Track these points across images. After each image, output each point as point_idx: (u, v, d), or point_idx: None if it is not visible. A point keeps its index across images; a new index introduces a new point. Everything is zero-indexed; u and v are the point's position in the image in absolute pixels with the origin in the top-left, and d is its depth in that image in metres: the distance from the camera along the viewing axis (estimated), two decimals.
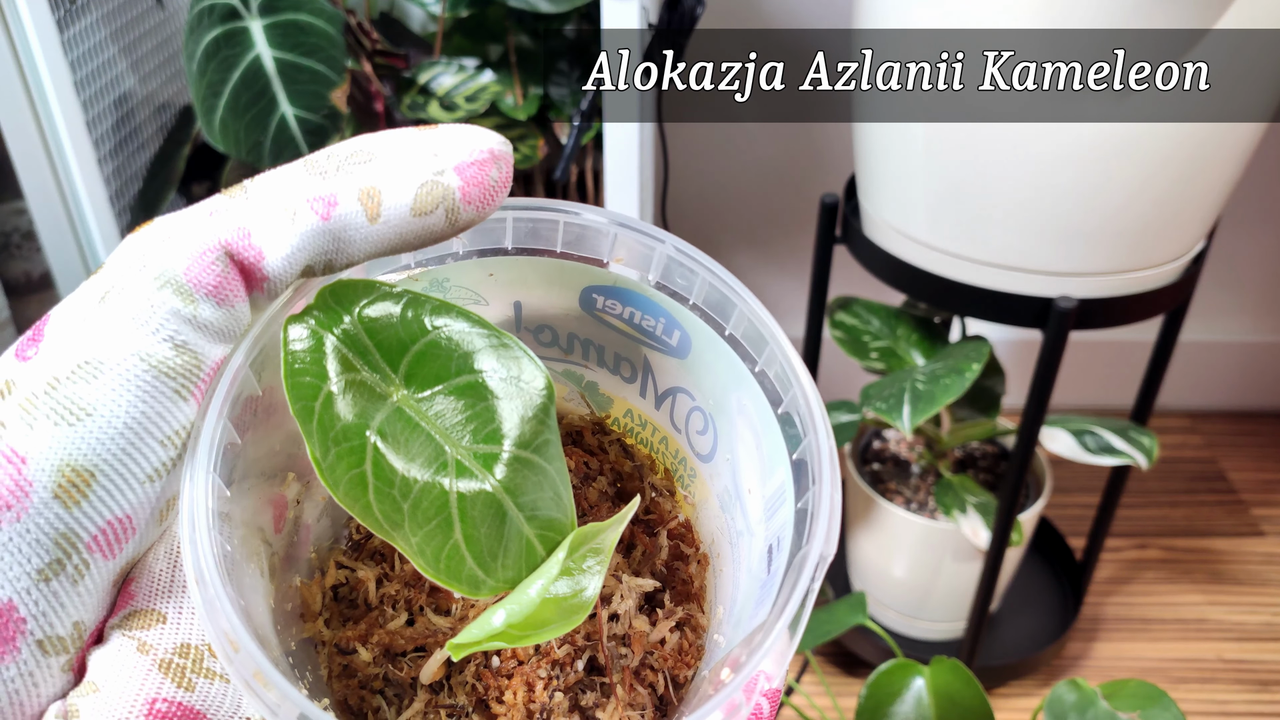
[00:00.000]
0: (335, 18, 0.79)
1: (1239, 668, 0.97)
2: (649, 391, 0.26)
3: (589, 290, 0.24)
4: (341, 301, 0.20)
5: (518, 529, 0.20)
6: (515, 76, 0.93)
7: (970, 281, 0.70)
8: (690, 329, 0.24)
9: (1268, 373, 1.26)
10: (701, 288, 0.23)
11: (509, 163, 0.20)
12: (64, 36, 0.77)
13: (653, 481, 0.27)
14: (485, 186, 0.20)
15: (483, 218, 0.20)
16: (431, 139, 0.20)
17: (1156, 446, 0.79)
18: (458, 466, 0.20)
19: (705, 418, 0.25)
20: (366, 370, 0.20)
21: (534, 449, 0.20)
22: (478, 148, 0.20)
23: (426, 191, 0.19)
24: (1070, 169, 0.62)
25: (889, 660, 0.55)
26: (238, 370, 0.19)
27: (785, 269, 1.20)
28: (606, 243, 0.23)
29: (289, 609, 0.23)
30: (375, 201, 0.19)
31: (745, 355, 0.23)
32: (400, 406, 0.20)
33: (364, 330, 0.20)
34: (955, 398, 0.70)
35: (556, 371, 0.27)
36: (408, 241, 0.20)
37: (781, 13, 1.01)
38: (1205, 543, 1.12)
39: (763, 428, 0.22)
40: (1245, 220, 1.12)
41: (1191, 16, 0.56)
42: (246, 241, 0.19)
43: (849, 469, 0.92)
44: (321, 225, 0.19)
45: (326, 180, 0.19)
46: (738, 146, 1.11)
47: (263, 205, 0.19)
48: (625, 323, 0.25)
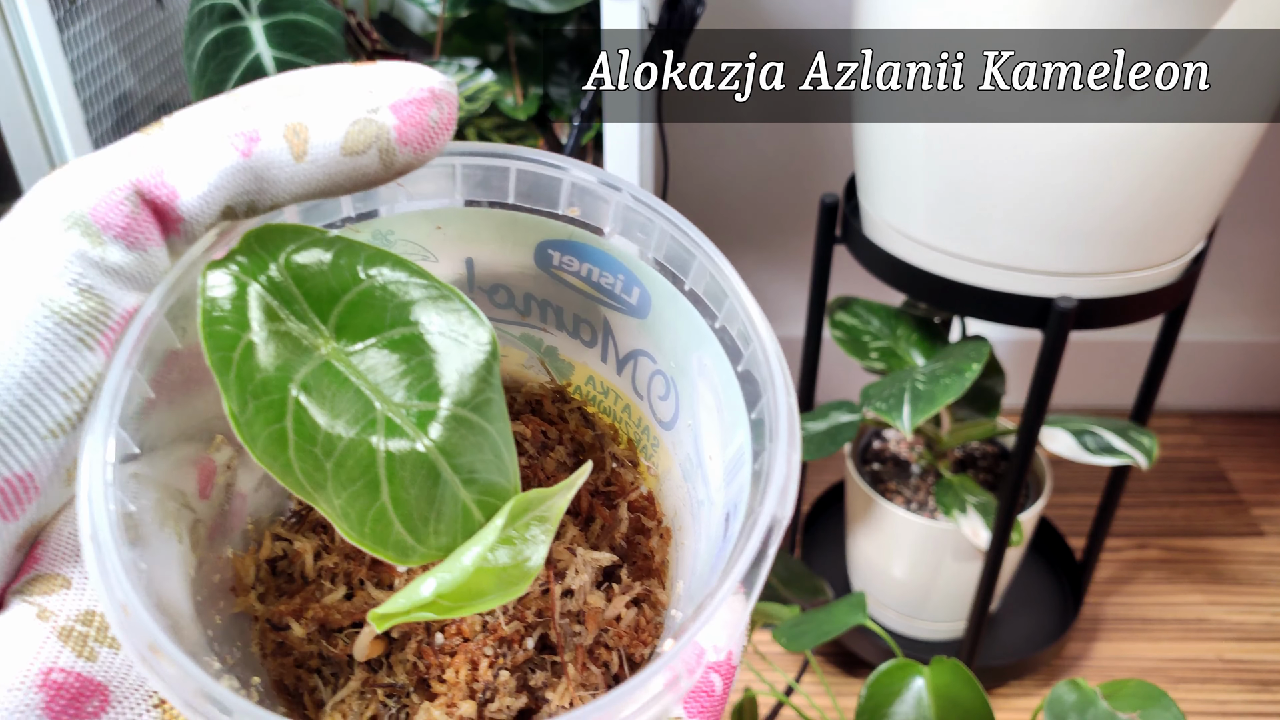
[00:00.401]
0: (335, 18, 0.79)
1: (1239, 668, 0.97)
2: (610, 356, 0.25)
3: (544, 245, 0.23)
4: (267, 246, 0.18)
5: (453, 492, 0.19)
6: (515, 76, 0.93)
7: (970, 281, 0.70)
8: (649, 285, 0.22)
9: (1268, 373, 1.26)
10: (660, 240, 0.22)
11: (452, 103, 0.19)
12: (64, 36, 0.77)
13: (614, 452, 0.26)
14: (424, 127, 0.18)
15: (422, 161, 0.19)
16: (366, 75, 0.18)
17: (1156, 446, 0.79)
18: (387, 424, 0.18)
19: (667, 382, 0.23)
20: (293, 320, 0.18)
21: (473, 408, 0.19)
22: (416, 85, 0.18)
23: (359, 130, 0.18)
24: (1070, 169, 0.62)
25: (889, 660, 0.55)
26: (150, 318, 0.18)
27: (785, 269, 1.20)
28: (561, 192, 0.22)
29: (217, 580, 0.22)
30: (302, 138, 0.18)
31: (705, 311, 0.22)
32: (329, 360, 0.18)
33: (291, 277, 0.18)
34: (955, 398, 0.70)
35: (514, 335, 0.26)
36: (338, 183, 0.18)
37: (781, 13, 1.01)
38: (1205, 543, 1.12)
39: (723, 388, 0.21)
40: (1245, 220, 1.12)
41: (1191, 16, 0.56)
42: (159, 180, 0.17)
43: (849, 469, 0.92)
44: (242, 162, 0.17)
45: (249, 114, 0.18)
46: (738, 146, 1.11)
47: (179, 141, 0.17)
48: (583, 281, 0.23)
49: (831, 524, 1.08)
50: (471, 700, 0.21)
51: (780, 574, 0.82)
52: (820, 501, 1.09)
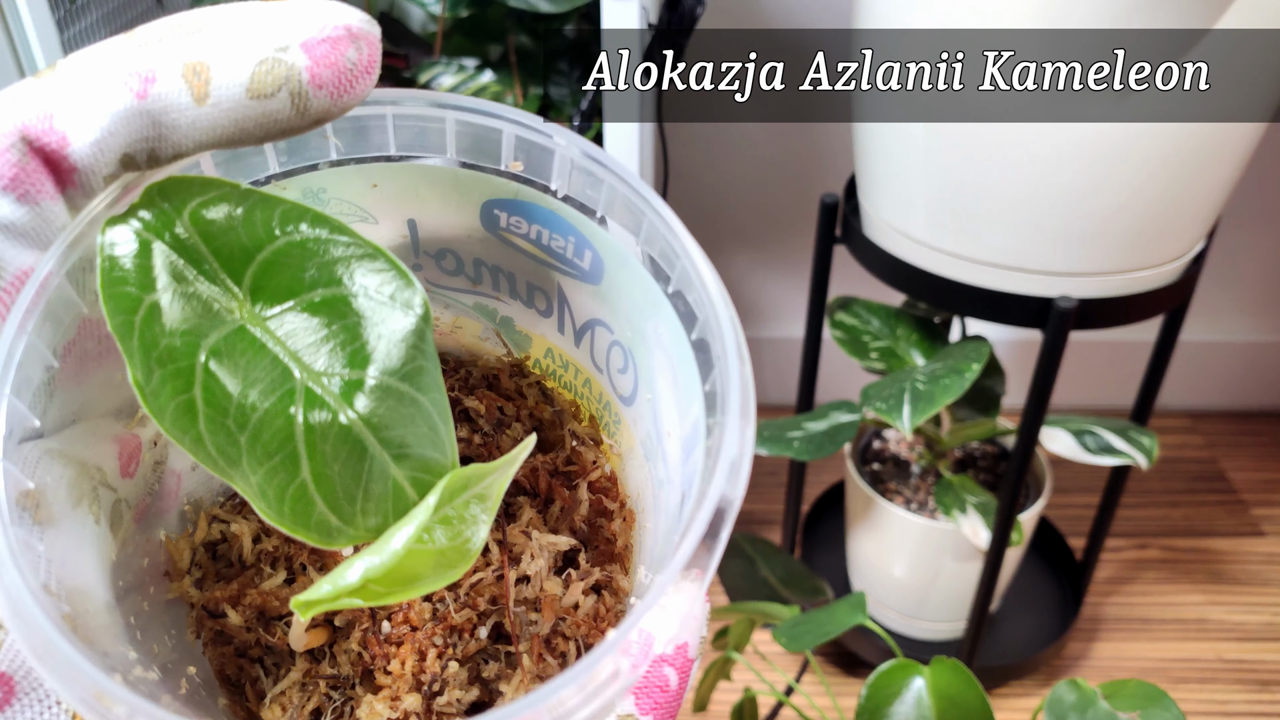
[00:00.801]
0: None
1: (1239, 668, 0.97)
2: (567, 326, 0.23)
3: (490, 205, 0.21)
4: (172, 200, 0.17)
5: (381, 468, 0.17)
6: (515, 76, 0.93)
7: (970, 281, 0.70)
8: (601, 248, 0.21)
9: (1268, 373, 1.26)
10: (610, 197, 0.20)
11: (373, 44, 0.17)
12: (64, 36, 0.77)
13: (575, 429, 0.24)
14: (340, 69, 0.17)
15: (341, 108, 0.17)
16: (275, 11, 0.17)
17: (1156, 446, 0.79)
18: (307, 394, 0.17)
19: (624, 353, 0.22)
20: (202, 281, 0.17)
21: (403, 376, 0.17)
22: (331, 22, 0.17)
23: (266, 70, 0.16)
24: (1070, 169, 0.62)
25: (889, 660, 0.55)
26: (46, 278, 0.16)
27: (785, 269, 1.20)
28: (504, 145, 0.20)
29: (145, 565, 0.20)
30: (203, 79, 0.16)
31: (659, 274, 0.20)
32: (243, 325, 0.17)
33: (199, 234, 0.17)
34: (955, 398, 0.70)
35: (467, 305, 0.24)
36: (246, 130, 0.17)
37: (781, 13, 1.01)
38: (1205, 543, 1.12)
39: (678, 358, 0.20)
40: (1245, 220, 1.12)
41: (1191, 16, 0.56)
42: (48, 125, 0.16)
43: (849, 469, 0.92)
44: (137, 104, 0.16)
45: (145, 52, 0.16)
46: (738, 146, 1.11)
47: (70, 84, 0.16)
48: (533, 244, 0.22)
49: (831, 524, 1.08)
50: (417, 693, 0.20)
51: (780, 574, 0.82)
52: (820, 501, 1.09)
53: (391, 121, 0.20)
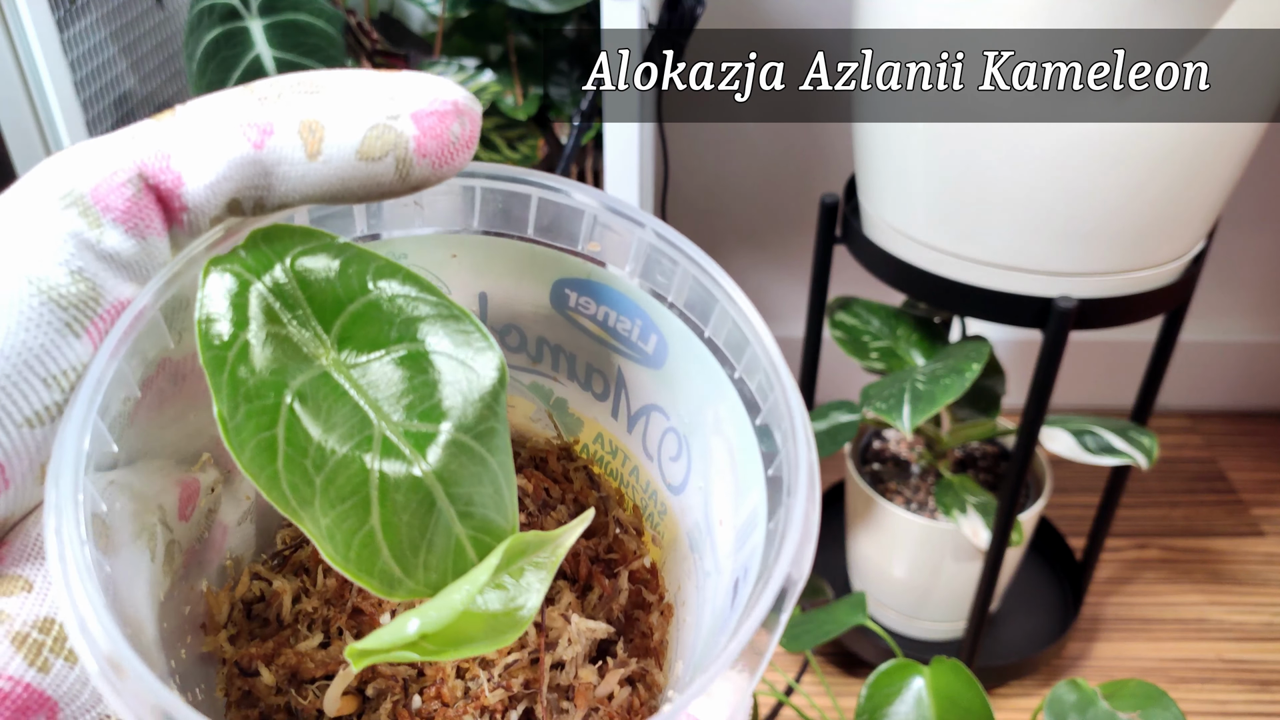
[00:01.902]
0: (335, 18, 0.79)
1: (1239, 668, 0.97)
2: (621, 411, 0.23)
3: (561, 284, 0.22)
4: (274, 246, 0.17)
5: (447, 524, 0.17)
6: (515, 76, 0.93)
7: (970, 281, 0.70)
8: (668, 333, 0.21)
9: (1268, 373, 1.26)
10: (683, 282, 0.20)
11: (475, 120, 0.18)
12: (64, 36, 0.77)
13: (618, 516, 0.24)
14: (444, 140, 0.17)
15: (439, 177, 0.18)
16: (389, 82, 0.18)
17: (1156, 446, 0.79)
18: (384, 443, 0.17)
19: (679, 440, 0.22)
20: (294, 326, 0.17)
21: (476, 435, 0.18)
22: (440, 97, 0.18)
23: (376, 135, 0.17)
24: (1070, 169, 0.62)
25: (889, 660, 0.55)
26: (142, 310, 0.17)
27: (785, 269, 1.20)
28: (583, 225, 0.21)
29: (187, 613, 0.20)
30: (317, 136, 0.17)
31: (724, 360, 0.20)
32: (328, 370, 0.17)
33: (296, 281, 0.17)
34: (955, 398, 0.70)
35: (524, 384, 0.24)
36: (350, 189, 0.17)
37: (781, 13, 1.01)
38: (1205, 543, 1.12)
39: (739, 444, 0.20)
40: (1245, 220, 1.12)
41: (1191, 16, 0.56)
42: (164, 165, 0.16)
43: (849, 469, 0.92)
44: (252, 153, 0.17)
45: (264, 106, 0.17)
46: (738, 146, 1.11)
47: (188, 128, 0.17)
48: (599, 325, 0.22)
49: (831, 524, 1.08)
50: None
51: None
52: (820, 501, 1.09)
53: (479, 195, 0.20)
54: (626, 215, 0.20)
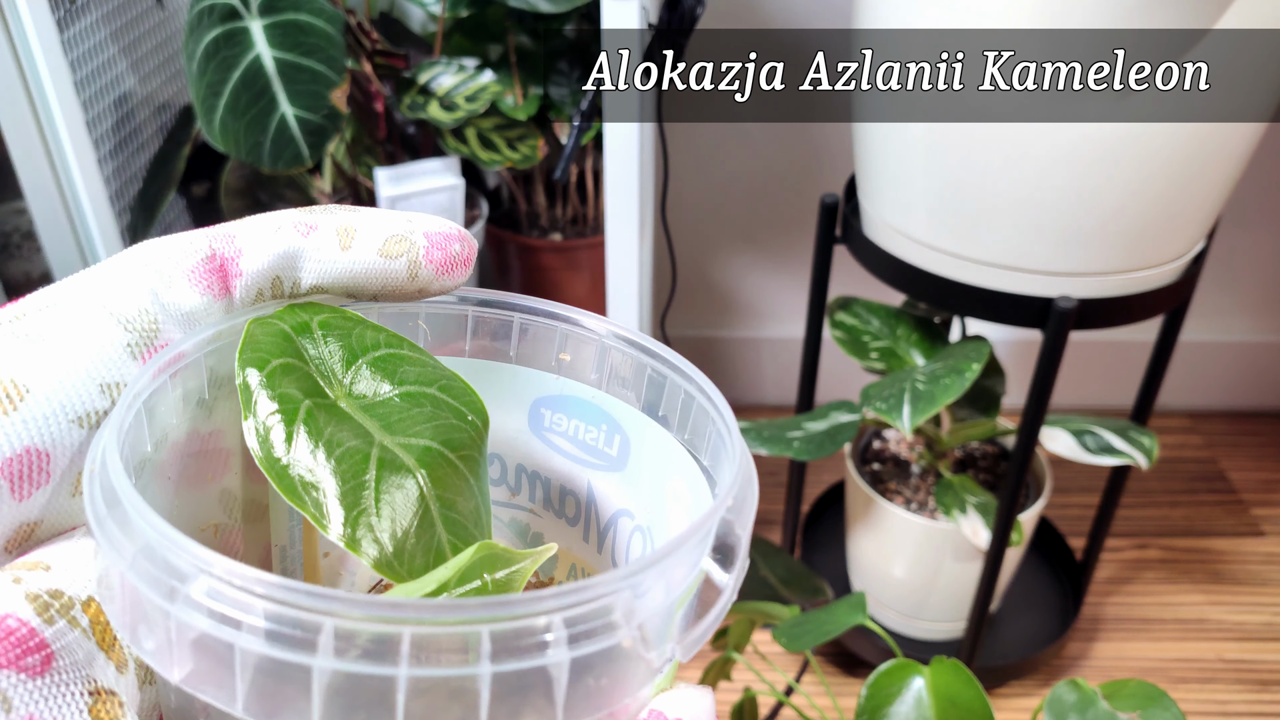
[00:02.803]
0: (335, 18, 0.79)
1: (1239, 668, 0.97)
2: (592, 532, 0.25)
3: (538, 404, 0.24)
4: (307, 310, 0.21)
5: (432, 523, 0.19)
6: (515, 76, 0.93)
7: (970, 281, 0.70)
8: (629, 429, 0.23)
9: (1268, 373, 1.26)
10: (637, 373, 0.23)
11: (472, 248, 0.23)
12: (64, 36, 0.77)
13: None
14: (448, 254, 0.22)
15: (441, 287, 0.22)
16: (408, 213, 0.23)
17: (1156, 446, 0.79)
18: (380, 448, 0.20)
19: (644, 537, 0.23)
20: (315, 365, 0.20)
21: (462, 457, 0.20)
22: (447, 226, 0.23)
23: (395, 240, 0.22)
24: (1070, 169, 0.62)
25: (889, 660, 0.55)
26: (184, 351, 0.19)
27: (785, 269, 1.20)
28: (555, 339, 0.24)
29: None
30: (350, 236, 0.22)
31: (675, 427, 0.23)
32: (338, 403, 0.20)
33: (321, 333, 0.21)
34: (955, 398, 0.70)
35: (503, 521, 0.26)
36: (369, 282, 0.22)
37: (781, 13, 1.01)
38: (1205, 543, 1.12)
39: (694, 504, 0.22)
40: (1245, 220, 1.12)
41: (1191, 16, 0.56)
42: (230, 242, 0.21)
43: (849, 469, 0.92)
44: (299, 239, 0.21)
45: (313, 214, 0.22)
46: (738, 146, 1.11)
47: (252, 221, 0.21)
48: (570, 442, 0.24)
49: (831, 524, 1.08)
50: None
51: (780, 574, 0.82)
52: (820, 501, 1.09)
53: (471, 320, 0.24)
54: (587, 327, 0.23)
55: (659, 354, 0.23)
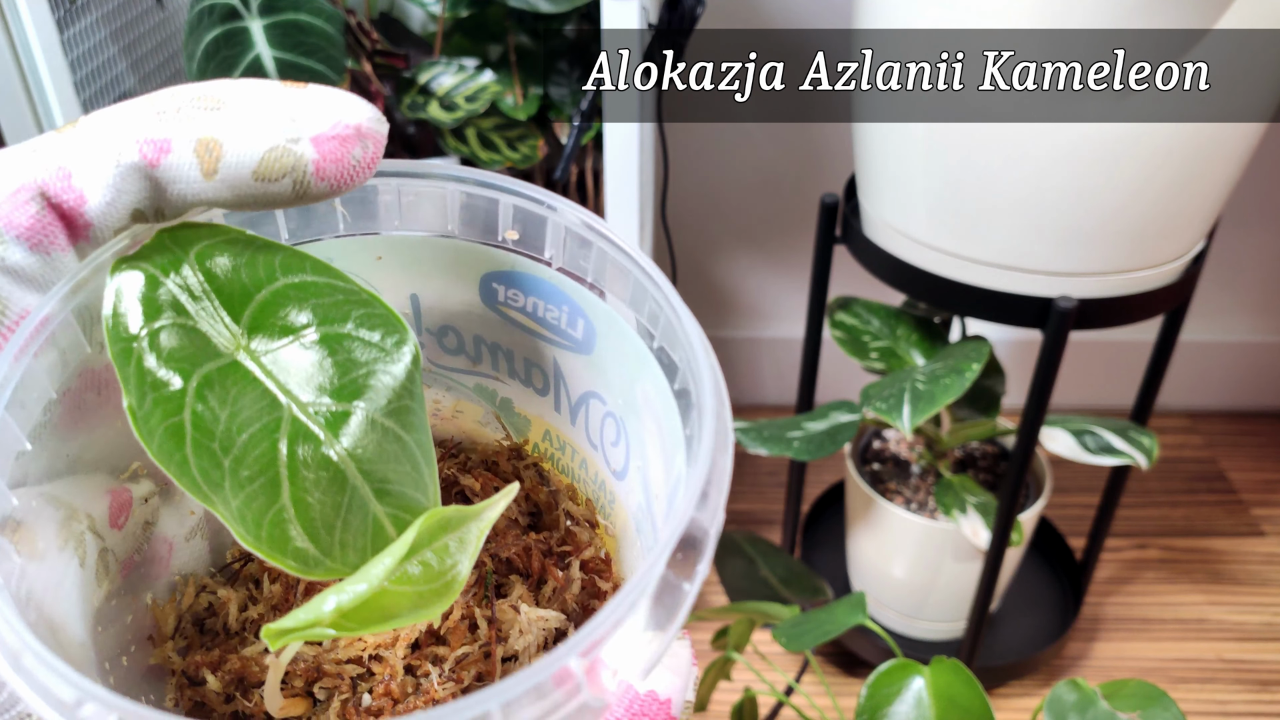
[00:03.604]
0: (335, 18, 0.79)
1: (1239, 668, 0.97)
2: (563, 404, 0.23)
3: (489, 279, 0.22)
4: (181, 244, 0.18)
5: (362, 502, 0.17)
6: (515, 76, 0.93)
7: (970, 281, 0.70)
8: (593, 315, 0.21)
9: (1268, 373, 1.26)
10: (600, 263, 0.21)
11: (379, 142, 0.18)
12: (64, 36, 0.77)
13: (569, 509, 0.24)
14: (344, 165, 0.18)
15: (339, 194, 0.18)
16: (293, 100, 0.18)
17: (1156, 446, 0.79)
18: (293, 423, 0.17)
19: (617, 424, 0.22)
20: (203, 318, 0.17)
21: (389, 414, 0.18)
22: (343, 120, 0.18)
23: (275, 157, 0.17)
24: (1070, 169, 0.62)
25: (889, 660, 0.55)
26: (47, 316, 0.17)
27: (785, 269, 1.20)
28: (500, 215, 0.21)
29: (129, 621, 0.20)
30: (214, 156, 0.17)
31: (644, 333, 0.20)
32: (237, 358, 0.17)
33: (203, 274, 0.18)
34: (955, 398, 0.70)
35: (468, 388, 0.25)
36: (246, 203, 0.18)
37: (781, 13, 1.01)
38: (1205, 543, 1.12)
39: (664, 414, 0.20)
40: (1245, 220, 1.12)
41: (1191, 16, 0.56)
42: (66, 184, 0.17)
43: (849, 469, 0.92)
44: (148, 170, 0.17)
45: (163, 121, 0.17)
46: (738, 146, 1.11)
47: (89, 144, 0.17)
48: (529, 317, 0.22)
49: (831, 524, 1.08)
50: None
51: (780, 574, 0.82)
52: (820, 501, 1.09)
53: (399, 195, 0.21)
54: (539, 200, 0.21)
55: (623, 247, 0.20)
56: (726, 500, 0.17)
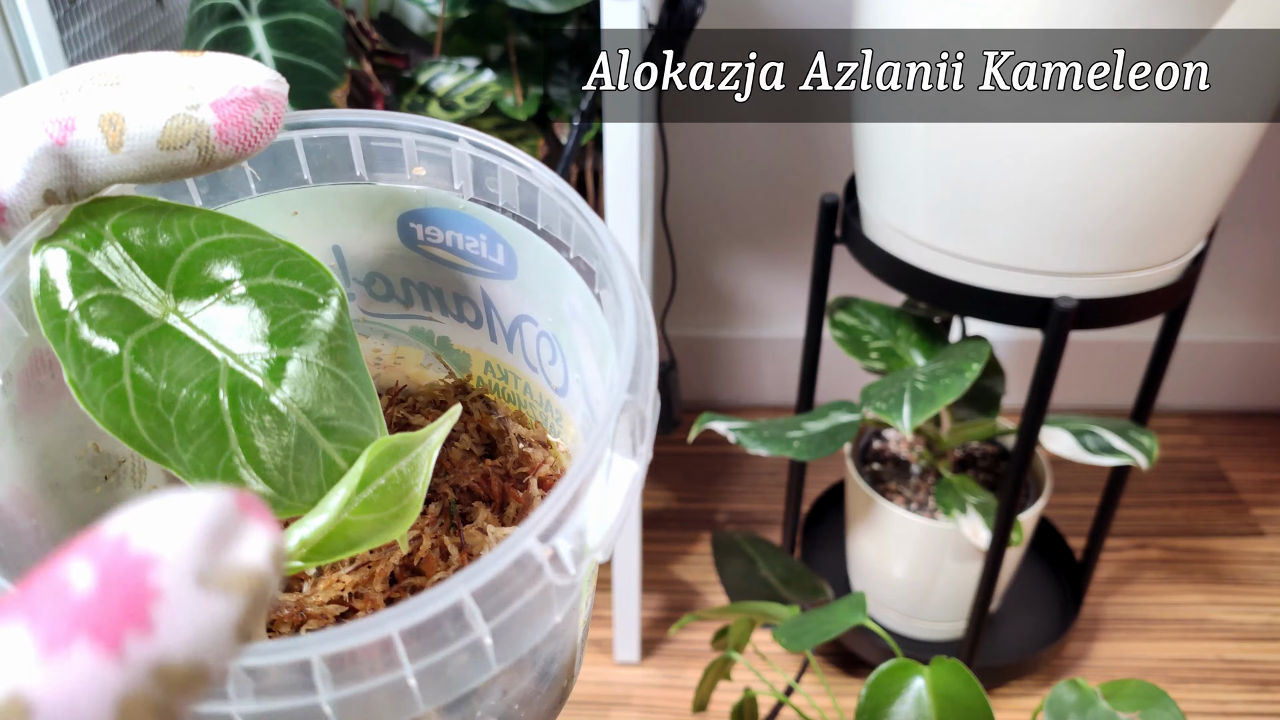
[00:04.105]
0: (335, 18, 0.79)
1: (1239, 668, 0.97)
2: (498, 332, 0.24)
3: (405, 219, 0.22)
4: (98, 218, 0.18)
5: (310, 440, 0.18)
6: (515, 76, 0.93)
7: (970, 281, 0.70)
8: (510, 239, 0.22)
9: (1268, 373, 1.26)
10: (508, 184, 0.21)
11: (279, 102, 0.19)
12: (64, 36, 0.77)
13: (520, 433, 0.25)
14: (246, 127, 0.18)
15: (245, 157, 0.19)
16: (190, 68, 0.18)
17: (1156, 446, 0.79)
18: (230, 374, 0.18)
19: (551, 343, 0.23)
20: (128, 288, 0.18)
21: (324, 354, 0.18)
22: (241, 84, 0.18)
23: (177, 125, 0.18)
24: (1070, 169, 0.62)
25: (889, 660, 0.55)
26: None
27: (785, 269, 1.20)
28: (405, 154, 0.21)
29: None
30: (118, 129, 0.17)
31: (558, 244, 0.21)
32: (166, 321, 0.18)
33: (122, 245, 0.18)
34: (955, 398, 0.70)
35: (404, 331, 0.25)
36: (154, 174, 0.18)
37: (781, 13, 1.01)
38: (1205, 543, 1.12)
39: (591, 322, 0.20)
40: (1245, 220, 1.12)
41: (1191, 16, 0.56)
42: None
43: (849, 469, 0.92)
44: (56, 150, 0.17)
45: (66, 101, 0.17)
46: (738, 147, 1.11)
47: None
48: (449, 251, 0.23)
49: (831, 524, 1.08)
50: None
51: (780, 574, 0.82)
52: (820, 501, 1.09)
53: (301, 146, 0.21)
54: (439, 132, 0.21)
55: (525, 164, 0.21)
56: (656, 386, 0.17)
